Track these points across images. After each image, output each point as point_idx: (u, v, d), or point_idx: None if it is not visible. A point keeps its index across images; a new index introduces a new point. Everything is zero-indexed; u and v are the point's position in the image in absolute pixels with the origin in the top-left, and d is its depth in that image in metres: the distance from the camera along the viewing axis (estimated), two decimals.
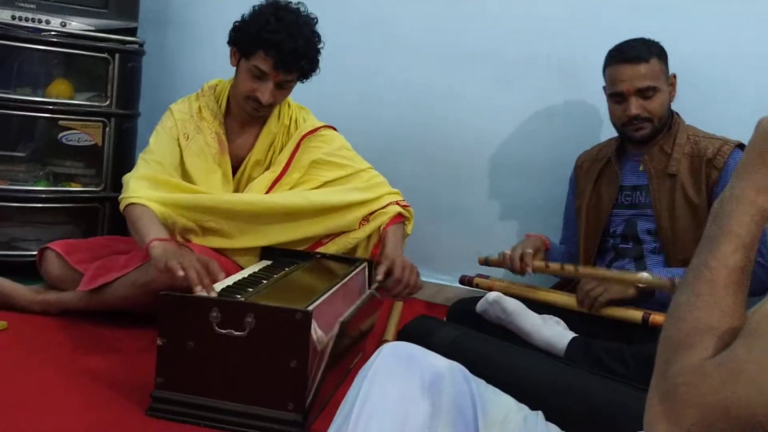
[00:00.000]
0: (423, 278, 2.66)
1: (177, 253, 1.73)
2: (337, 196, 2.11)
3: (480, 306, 1.94)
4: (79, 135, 2.52)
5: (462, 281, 2.30)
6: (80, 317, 2.02)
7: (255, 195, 2.10)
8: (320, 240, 2.14)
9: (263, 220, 2.05)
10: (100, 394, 1.59)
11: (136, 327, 1.98)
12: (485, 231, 2.66)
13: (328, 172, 2.15)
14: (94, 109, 2.53)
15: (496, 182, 2.66)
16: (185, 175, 2.10)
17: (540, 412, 1.10)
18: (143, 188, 1.97)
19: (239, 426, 1.46)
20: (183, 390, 1.49)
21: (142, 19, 2.61)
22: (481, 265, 2.27)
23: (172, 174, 2.05)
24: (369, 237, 2.14)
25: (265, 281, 1.75)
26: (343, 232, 2.13)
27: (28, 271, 2.22)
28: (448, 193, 2.71)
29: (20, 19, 2.39)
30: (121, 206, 1.97)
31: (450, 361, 1.08)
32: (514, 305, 1.89)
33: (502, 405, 1.06)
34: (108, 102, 2.53)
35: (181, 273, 1.61)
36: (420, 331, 1.70)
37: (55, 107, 2.48)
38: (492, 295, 1.91)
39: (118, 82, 2.53)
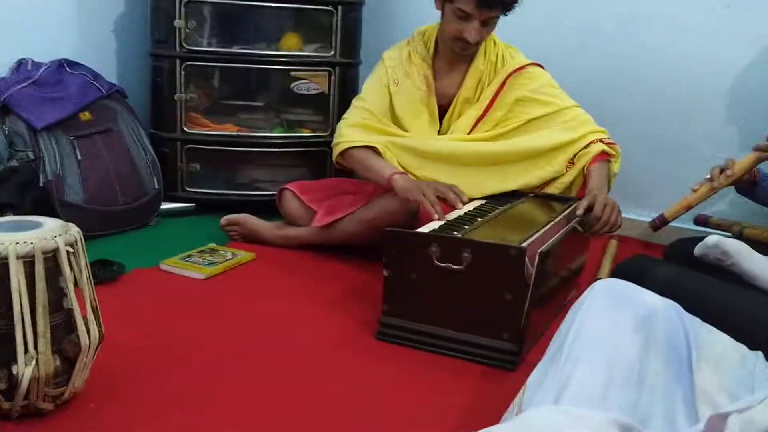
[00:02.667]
0: (640, 217, 2.63)
1: (417, 184, 1.96)
2: (543, 140, 2.12)
3: (698, 250, 1.86)
4: (309, 84, 2.75)
5: (697, 221, 2.24)
6: (315, 250, 2.25)
7: (461, 142, 2.17)
8: (532, 190, 2.17)
9: (471, 166, 2.13)
10: (335, 317, 1.79)
11: (363, 260, 2.17)
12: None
13: (533, 109, 2.16)
14: (321, 60, 2.73)
15: (725, 115, 2.50)
16: (394, 119, 2.22)
17: (760, 353, 1.09)
18: (357, 133, 2.15)
19: (459, 352, 1.58)
20: (407, 317, 1.63)
21: None
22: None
23: (380, 120, 2.20)
24: (573, 180, 2.13)
25: (480, 219, 1.84)
26: (553, 179, 2.14)
27: (267, 209, 2.50)
28: (672, 129, 2.57)
29: None
30: (336, 151, 2.15)
31: (663, 298, 1.10)
32: (737, 247, 1.80)
33: (717, 343, 1.06)
34: (332, 52, 2.72)
35: (428, 206, 1.85)
36: (635, 269, 1.68)
37: (287, 59, 2.72)
38: (712, 239, 1.83)
39: (341, 32, 2.70)
